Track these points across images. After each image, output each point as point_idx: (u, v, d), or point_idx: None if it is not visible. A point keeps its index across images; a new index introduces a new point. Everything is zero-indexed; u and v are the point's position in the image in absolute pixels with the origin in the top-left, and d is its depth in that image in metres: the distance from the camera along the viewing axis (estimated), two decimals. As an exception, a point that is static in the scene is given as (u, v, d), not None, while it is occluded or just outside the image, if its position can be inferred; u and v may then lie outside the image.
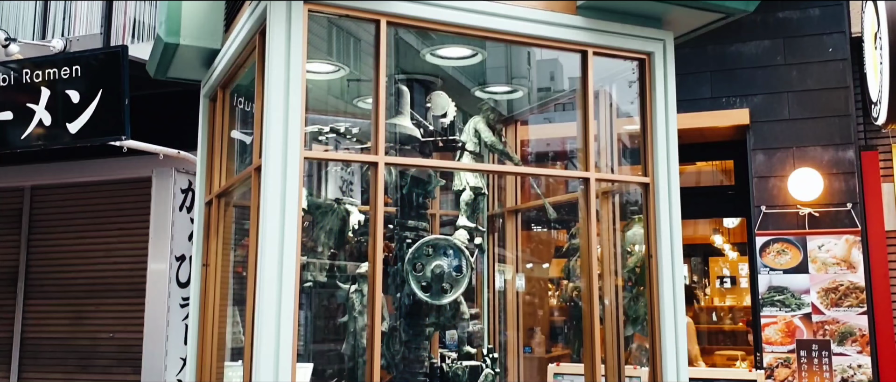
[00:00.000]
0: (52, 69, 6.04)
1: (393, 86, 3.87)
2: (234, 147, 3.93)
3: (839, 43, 6.41)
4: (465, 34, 3.22)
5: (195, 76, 4.03)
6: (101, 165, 7.58)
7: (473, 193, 3.91)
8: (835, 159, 6.24)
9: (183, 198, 7.05)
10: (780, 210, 6.30)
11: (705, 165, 7.65)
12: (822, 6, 6.48)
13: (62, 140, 5.93)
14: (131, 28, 8.26)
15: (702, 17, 3.44)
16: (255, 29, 3.08)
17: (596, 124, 3.89)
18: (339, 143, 4.04)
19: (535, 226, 7.12)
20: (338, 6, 2.93)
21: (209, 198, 3.84)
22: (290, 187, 2.76)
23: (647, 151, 3.45)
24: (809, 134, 6.33)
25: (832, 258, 6.10)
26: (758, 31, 6.49)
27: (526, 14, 3.22)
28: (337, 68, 3.90)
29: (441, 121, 3.98)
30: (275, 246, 2.72)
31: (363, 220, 3.85)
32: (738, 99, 6.58)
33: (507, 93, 4.64)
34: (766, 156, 6.44)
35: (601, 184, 3.94)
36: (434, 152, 3.98)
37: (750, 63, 6.58)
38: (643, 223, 3.52)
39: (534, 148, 5.84)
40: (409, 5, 3.02)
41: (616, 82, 4.00)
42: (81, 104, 5.91)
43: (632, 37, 3.41)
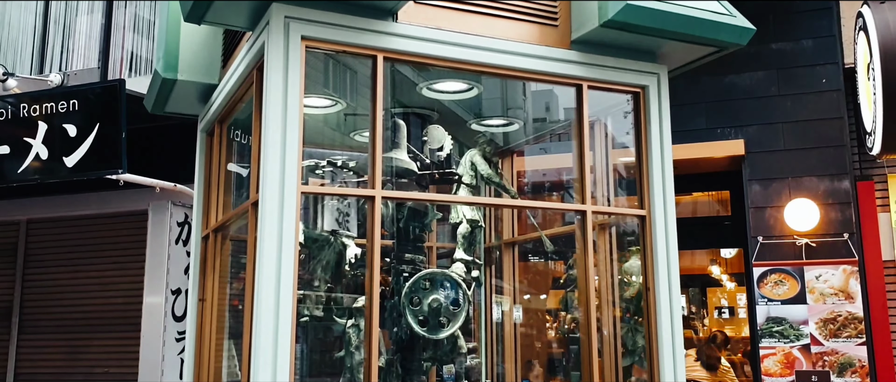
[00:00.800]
0: (50, 103, 6.06)
1: (390, 120, 3.88)
2: (231, 181, 3.93)
3: (832, 74, 6.46)
4: (460, 69, 3.25)
5: (192, 111, 4.05)
6: (97, 198, 7.57)
7: (470, 225, 3.91)
8: (831, 189, 6.25)
9: (179, 231, 7.03)
10: (776, 241, 6.29)
11: (702, 195, 7.67)
12: (814, 38, 6.54)
13: (59, 174, 5.93)
14: (129, 62, 8.30)
15: (695, 51, 3.47)
16: (252, 64, 3.10)
17: (592, 156, 3.91)
18: (336, 176, 4.04)
19: (533, 257, 7.11)
20: (335, 42, 2.95)
21: (206, 233, 3.84)
22: (286, 221, 2.76)
23: (643, 183, 3.46)
24: (805, 164, 6.35)
25: (830, 288, 6.09)
26: (752, 62, 6.54)
27: (521, 49, 3.25)
28: (334, 102, 3.92)
29: (437, 154, 3.99)
30: (271, 281, 2.72)
31: (360, 253, 3.84)
32: (733, 130, 6.61)
33: (503, 126, 4.65)
34: (761, 186, 6.45)
35: (598, 216, 3.94)
36: (431, 185, 3.98)
37: (744, 94, 6.62)
38: (640, 256, 3.52)
39: (530, 179, 5.85)
40: (405, 41, 3.04)
41: (611, 113, 4.02)
42: (78, 138, 5.92)
43: (626, 71, 3.44)
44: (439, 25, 3.13)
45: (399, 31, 3.04)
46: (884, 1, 5.75)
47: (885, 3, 5.71)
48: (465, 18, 3.19)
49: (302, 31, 2.87)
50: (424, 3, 3.12)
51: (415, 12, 3.10)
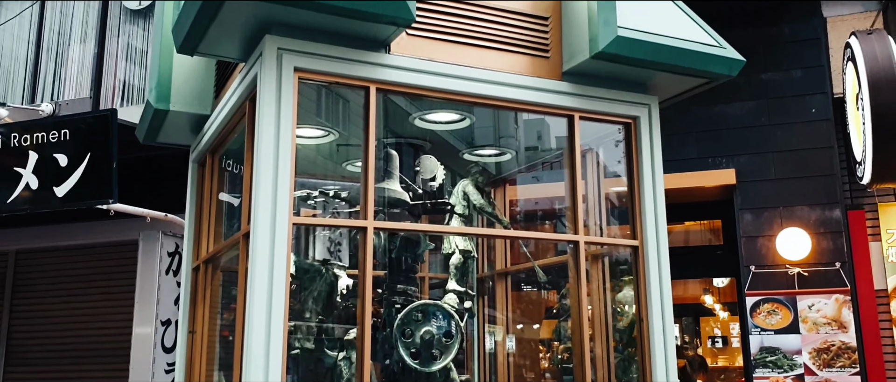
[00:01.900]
0: (41, 133, 6.04)
1: (382, 150, 3.88)
2: (223, 211, 3.91)
3: (822, 104, 6.51)
4: (453, 100, 3.25)
5: (184, 141, 4.04)
6: (87, 228, 7.53)
7: (463, 256, 3.89)
8: (822, 218, 6.28)
9: (169, 261, 6.99)
10: (769, 270, 6.30)
11: (694, 224, 7.68)
12: (803, 68, 6.60)
13: (49, 204, 5.89)
14: (121, 91, 8.30)
15: (686, 82, 3.50)
16: (245, 95, 3.10)
17: (584, 185, 3.91)
18: (328, 205, 4.03)
19: (526, 286, 7.09)
20: (328, 74, 2.95)
21: (196, 264, 3.81)
22: (278, 253, 2.74)
23: (636, 214, 3.46)
24: (796, 194, 6.38)
25: (823, 317, 6.08)
26: (742, 92, 6.59)
27: (513, 80, 3.26)
28: (326, 132, 3.92)
29: (430, 184, 3.98)
30: (262, 312, 2.69)
31: (351, 284, 3.82)
32: (724, 159, 6.65)
33: (496, 156, 4.66)
34: (753, 216, 6.47)
35: (591, 246, 3.93)
36: (423, 215, 3.97)
37: (735, 124, 6.67)
38: (633, 286, 3.51)
39: (522, 207, 5.85)
40: (398, 73, 3.05)
41: (603, 143, 4.03)
42: (69, 168, 5.90)
43: (617, 102, 3.45)
44: (432, 57, 3.14)
45: (392, 63, 3.05)
46: (871, 32, 5.82)
47: (871, 35, 5.78)
48: (457, 50, 3.21)
49: (295, 63, 2.87)
50: (417, 35, 3.13)
51: (407, 44, 3.11)
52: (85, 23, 8.76)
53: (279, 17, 2.81)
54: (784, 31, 6.71)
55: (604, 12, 3.15)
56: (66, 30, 8.84)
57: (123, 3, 8.55)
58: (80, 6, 8.86)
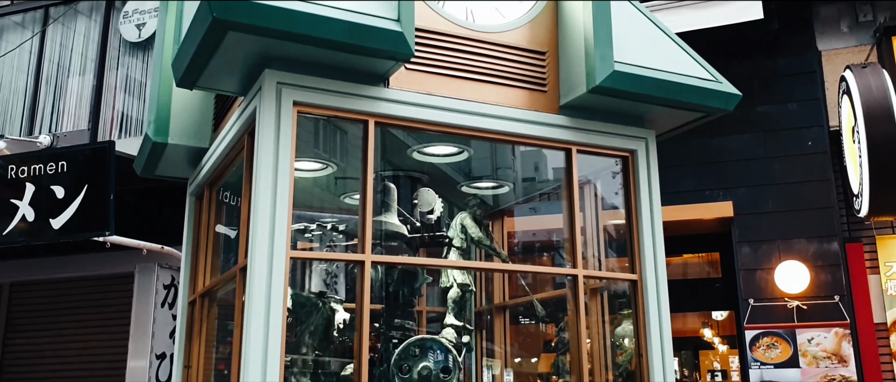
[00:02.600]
0: (38, 165, 6.04)
1: (380, 182, 3.88)
2: (220, 245, 3.89)
3: (818, 136, 6.54)
4: (451, 133, 3.26)
5: (182, 174, 4.03)
6: (82, 260, 7.50)
7: (461, 290, 3.87)
8: (820, 251, 6.27)
9: (165, 294, 6.95)
10: (768, 303, 6.27)
11: (692, 257, 7.66)
12: (799, 101, 6.64)
13: (45, 236, 5.87)
14: (119, 123, 8.32)
15: (682, 116, 3.51)
16: (244, 129, 3.10)
17: (582, 217, 3.91)
18: (325, 238, 4.02)
19: (524, 318, 7.05)
20: (327, 108, 2.96)
21: (192, 298, 3.78)
22: (275, 287, 2.72)
23: (634, 248, 3.45)
24: (794, 227, 6.38)
25: (823, 351, 6.04)
26: (738, 125, 6.61)
27: (510, 114, 3.27)
28: (324, 165, 3.92)
29: (428, 217, 3.97)
30: (259, 347, 2.67)
31: (348, 318, 3.79)
32: (721, 192, 6.65)
33: (493, 188, 4.66)
34: (751, 248, 6.46)
35: (589, 280, 3.92)
36: (421, 248, 3.96)
37: (732, 156, 6.68)
38: (632, 320, 3.49)
39: (520, 239, 5.84)
40: (396, 106, 3.06)
41: (602, 174, 4.04)
42: (66, 200, 5.89)
43: (614, 135, 3.46)
44: (430, 91, 3.15)
45: (390, 97, 3.06)
46: (865, 66, 5.87)
47: (866, 68, 5.83)
48: (455, 84, 3.22)
49: (294, 97, 2.88)
50: (416, 70, 3.15)
51: (406, 78, 3.12)
52: (84, 55, 8.81)
53: (279, 52, 2.83)
54: (780, 64, 6.76)
55: (600, 47, 3.17)
56: (66, 62, 8.89)
57: (123, 35, 8.61)
58: (80, 38, 8.92)
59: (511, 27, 3.39)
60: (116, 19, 8.68)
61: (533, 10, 3.45)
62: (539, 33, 3.44)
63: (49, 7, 9.02)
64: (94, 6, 8.94)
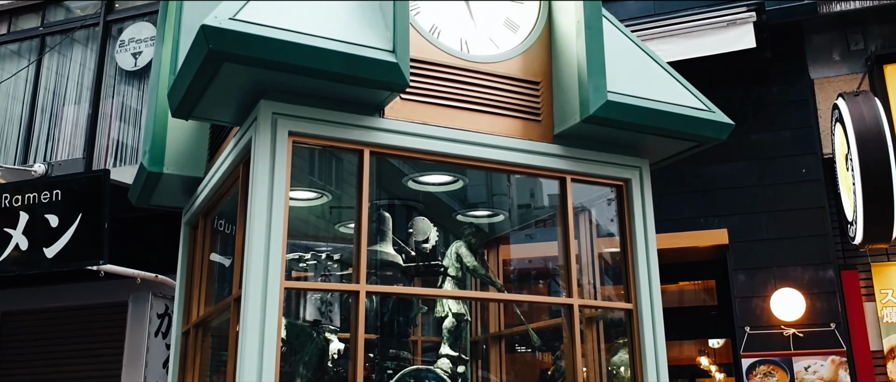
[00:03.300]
0: (32, 193, 6.03)
1: (375, 211, 3.88)
2: (214, 274, 3.88)
3: (812, 164, 6.57)
4: (446, 162, 3.27)
5: (177, 204, 4.03)
6: (76, 289, 7.45)
7: (456, 319, 3.86)
8: (815, 278, 6.27)
9: (159, 323, 6.91)
10: (764, 331, 6.26)
11: (688, 284, 7.66)
12: (793, 129, 6.68)
13: (39, 265, 5.85)
14: (114, 151, 8.33)
15: (676, 145, 3.53)
16: (239, 159, 3.10)
17: (577, 245, 3.91)
18: (320, 267, 4.01)
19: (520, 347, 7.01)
20: (323, 138, 2.97)
21: (186, 328, 3.76)
22: (269, 318, 2.71)
23: (629, 277, 3.45)
24: (789, 254, 6.38)
25: (819, 379, 6.02)
26: (732, 152, 6.64)
27: (505, 143, 3.29)
28: (320, 194, 3.92)
29: (423, 246, 3.97)
30: (253, 378, 2.65)
31: (343, 348, 3.77)
32: (716, 219, 6.66)
33: (489, 217, 4.66)
34: (747, 276, 6.46)
35: (585, 309, 3.91)
36: (416, 278, 3.95)
37: (727, 184, 6.70)
38: (628, 349, 3.48)
39: (516, 267, 5.83)
40: (392, 136, 3.07)
41: (597, 202, 4.05)
42: (60, 229, 5.87)
43: (608, 164, 3.47)
44: (425, 120, 3.17)
45: (386, 127, 3.07)
46: (857, 94, 5.92)
47: (858, 96, 5.88)
48: (450, 113, 3.24)
49: (289, 127, 2.89)
50: (411, 99, 3.16)
51: (401, 108, 3.14)
52: (80, 83, 8.84)
53: (274, 83, 2.84)
54: (773, 92, 6.81)
55: (594, 77, 3.19)
56: (62, 90, 8.91)
57: (119, 63, 8.65)
58: (76, 66, 8.96)
59: (505, 57, 3.41)
60: (113, 48, 8.73)
61: (527, 41, 3.48)
62: (533, 63, 3.46)
63: (45, 36, 9.06)
64: (91, 34, 8.99)
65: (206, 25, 2.56)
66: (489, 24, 3.47)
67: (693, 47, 6.27)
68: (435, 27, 3.32)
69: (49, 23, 9.20)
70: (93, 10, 9.06)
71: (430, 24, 3.31)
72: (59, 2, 9.26)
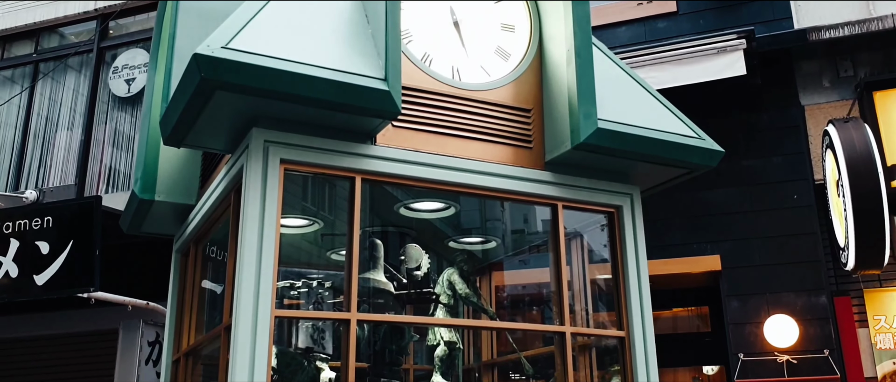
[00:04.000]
0: (23, 220, 6.00)
1: (367, 239, 3.87)
2: (205, 302, 3.86)
3: (803, 190, 6.59)
4: (438, 189, 3.27)
5: (168, 231, 4.02)
6: (66, 317, 7.39)
7: (448, 347, 3.84)
8: (808, 305, 6.26)
9: (150, 351, 6.85)
10: (758, 357, 6.24)
11: (682, 311, 7.64)
12: (784, 155, 6.70)
13: (28, 293, 5.80)
14: (106, 177, 8.31)
15: (666, 172, 3.54)
16: (230, 187, 3.10)
17: (570, 271, 3.91)
18: (312, 294, 3.99)
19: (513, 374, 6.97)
20: (314, 165, 2.97)
21: (177, 357, 3.73)
22: (259, 347, 2.69)
23: (621, 304, 3.45)
24: (781, 280, 6.38)
25: (814, 406, 5.99)
26: (724, 178, 6.66)
27: (496, 170, 3.29)
28: (311, 222, 3.91)
29: (415, 273, 3.96)
30: (242, 409, 2.63)
31: (334, 377, 3.74)
32: (709, 245, 6.66)
33: (482, 243, 4.66)
34: (740, 302, 6.45)
35: (577, 337, 3.89)
36: (408, 305, 3.94)
37: (718, 210, 6.72)
38: (621, 377, 3.46)
39: (509, 293, 5.81)
40: (383, 163, 3.08)
41: (590, 228, 4.05)
42: (50, 256, 5.84)
43: (600, 191, 3.48)
44: (417, 147, 3.17)
45: (377, 154, 3.08)
46: (847, 121, 5.95)
47: (848, 123, 5.91)
48: (442, 140, 3.24)
49: (281, 155, 2.89)
50: (402, 127, 3.17)
51: (393, 135, 3.15)
52: (73, 109, 8.84)
53: (266, 111, 2.85)
54: (763, 119, 6.85)
55: (584, 104, 3.21)
56: (54, 116, 8.91)
57: (112, 90, 8.66)
58: (69, 93, 8.96)
59: (496, 85, 3.43)
60: (106, 74, 8.75)
61: (518, 69, 3.50)
62: (524, 91, 3.48)
63: (39, 62, 9.08)
64: (85, 61, 9.02)
65: (199, 54, 2.57)
66: (481, 53, 3.49)
67: (684, 74, 6.31)
68: (427, 55, 3.34)
69: (43, 49, 9.23)
70: (87, 36, 9.09)
71: (422, 52, 3.34)
72: (53, 28, 9.29)
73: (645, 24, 7.22)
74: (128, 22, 8.97)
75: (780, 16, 6.91)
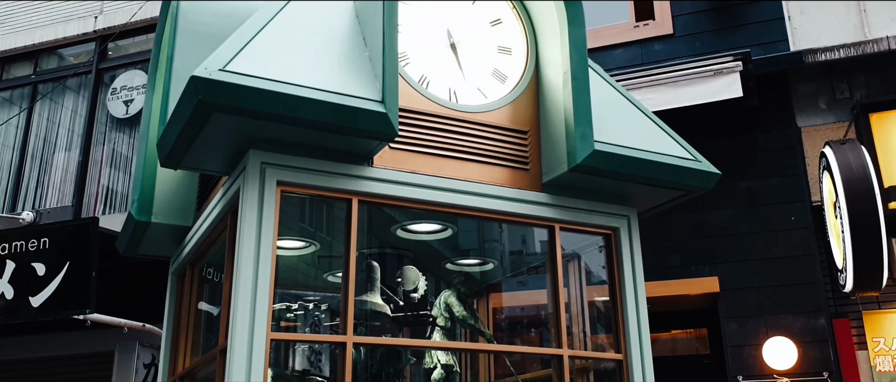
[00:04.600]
0: (20, 241, 5.99)
1: (364, 260, 3.86)
2: (201, 324, 3.84)
3: (801, 211, 6.59)
4: (434, 210, 3.27)
5: (165, 253, 4.01)
6: (62, 339, 7.34)
7: (445, 371, 3.82)
8: (807, 327, 6.24)
9: (145, 374, 6.80)
10: (757, 380, 6.20)
11: (681, 333, 7.61)
12: (781, 176, 6.71)
13: (24, 315, 5.78)
14: (104, 198, 8.30)
15: (663, 194, 3.54)
16: (227, 208, 3.09)
17: (567, 293, 3.89)
18: (308, 317, 3.97)
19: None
20: (311, 187, 2.97)
21: (172, 379, 3.71)
22: (255, 370, 2.68)
23: (619, 327, 3.43)
24: (780, 302, 6.36)
25: (814, 429, 5.95)
26: (722, 200, 6.66)
27: (493, 192, 3.29)
28: (308, 244, 3.90)
29: (412, 295, 3.95)
30: (237, 433, 2.60)
31: (331, 400, 3.72)
32: (707, 267, 6.65)
33: (479, 265, 4.65)
34: (738, 324, 6.43)
35: (575, 360, 3.87)
36: (404, 328, 3.92)
37: (717, 231, 6.71)
38: (619, 401, 3.44)
39: (507, 315, 5.79)
40: (380, 185, 3.08)
41: (588, 249, 4.04)
42: (46, 277, 5.82)
43: (597, 213, 3.48)
44: (414, 169, 3.18)
45: (374, 175, 3.08)
46: (844, 142, 5.97)
47: (845, 144, 5.93)
48: (439, 162, 3.25)
49: (278, 177, 2.89)
50: (399, 148, 3.18)
51: (390, 157, 3.15)
52: (71, 130, 8.85)
53: (263, 133, 2.85)
54: (761, 140, 6.86)
55: (581, 126, 3.22)
56: (52, 137, 8.92)
57: (110, 111, 8.68)
58: (67, 113, 8.98)
59: (493, 107, 3.44)
60: (105, 95, 8.76)
61: (515, 91, 3.51)
62: (521, 113, 3.49)
63: (37, 84, 9.10)
64: (83, 82, 9.04)
65: (196, 76, 2.58)
66: (478, 75, 3.51)
67: (680, 96, 6.33)
68: (424, 77, 3.35)
69: (42, 71, 9.25)
70: (86, 57, 9.12)
71: (419, 74, 3.35)
72: (52, 50, 9.32)
73: (641, 46, 7.26)
74: (127, 43, 9.01)
75: (776, 38, 6.95)
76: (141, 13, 8.45)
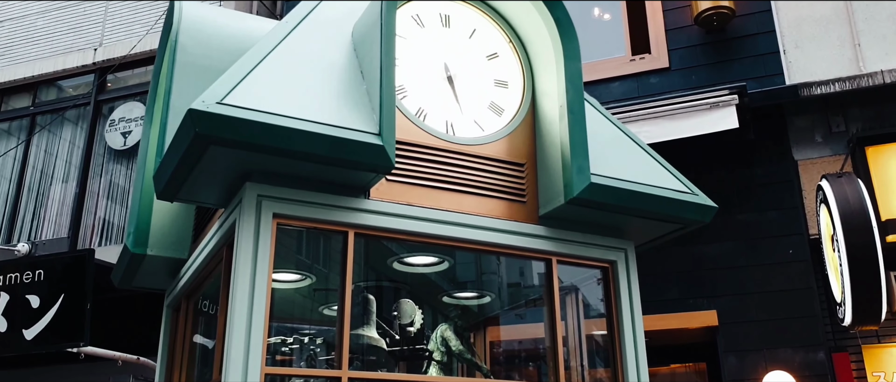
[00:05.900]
0: (14, 273, 5.96)
1: (360, 294, 3.84)
2: (196, 357, 3.81)
3: (799, 245, 6.57)
4: (431, 243, 3.26)
5: (160, 285, 3.98)
6: (55, 372, 7.28)
7: (441, 405, 3.78)
8: (806, 361, 6.20)
9: (139, 407, 6.73)
10: (757, 415, 6.15)
11: (679, 367, 7.55)
12: (778, 209, 6.71)
13: (17, 348, 5.73)
14: (101, 230, 8.27)
15: (660, 227, 3.54)
16: (223, 241, 3.08)
17: (565, 326, 3.87)
18: (304, 350, 3.94)
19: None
20: (307, 219, 2.96)
21: (165, 414, 3.67)
22: (249, 404, 2.64)
23: (617, 361, 3.41)
24: (779, 336, 6.32)
25: (815, 465, 5.88)
26: (720, 233, 6.65)
27: (490, 224, 3.29)
28: (303, 276, 3.89)
29: (408, 329, 3.92)
30: (230, 469, 2.57)
31: (326, 435, 3.67)
32: (705, 300, 6.62)
33: (477, 298, 4.62)
34: (737, 358, 6.38)
35: (573, 394, 3.84)
36: (400, 362, 3.88)
37: (714, 265, 6.69)
38: (617, 436, 3.40)
39: (505, 348, 5.74)
40: (377, 217, 3.07)
41: (587, 282, 4.02)
42: (41, 309, 5.78)
43: (594, 246, 3.47)
44: (410, 201, 3.17)
45: (371, 208, 3.07)
46: (841, 176, 5.98)
47: (841, 178, 5.94)
48: (435, 195, 3.24)
49: (274, 209, 2.88)
50: (396, 181, 3.18)
51: (387, 189, 3.15)
52: (68, 162, 8.86)
53: (260, 166, 2.85)
54: (757, 173, 6.88)
55: (577, 159, 3.23)
56: (49, 169, 8.92)
57: (108, 142, 8.69)
58: (65, 145, 8.99)
59: (490, 140, 3.45)
60: (103, 127, 8.78)
61: (511, 124, 3.52)
62: (517, 145, 3.50)
63: (36, 115, 9.12)
64: (81, 113, 9.06)
65: (194, 109, 2.59)
66: (474, 108, 3.52)
67: (676, 129, 6.36)
68: (421, 110, 3.36)
69: (40, 102, 9.28)
70: (85, 89, 9.16)
71: (416, 107, 3.36)
72: (51, 82, 9.36)
73: (637, 79, 7.31)
74: (126, 75, 9.05)
75: (771, 72, 6.99)
76: (140, 45, 8.50)
